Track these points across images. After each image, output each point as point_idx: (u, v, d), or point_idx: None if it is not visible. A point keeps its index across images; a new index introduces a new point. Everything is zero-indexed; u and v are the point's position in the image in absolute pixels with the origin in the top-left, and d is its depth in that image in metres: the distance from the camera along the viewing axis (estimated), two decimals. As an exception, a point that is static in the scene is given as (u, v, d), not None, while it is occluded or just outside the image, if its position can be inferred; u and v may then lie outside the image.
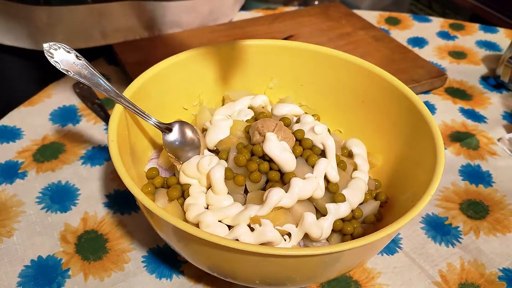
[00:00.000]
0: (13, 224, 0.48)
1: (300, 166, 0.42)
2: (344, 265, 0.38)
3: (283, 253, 0.33)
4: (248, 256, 0.33)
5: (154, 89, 0.47)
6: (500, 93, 0.72)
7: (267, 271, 0.36)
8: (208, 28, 0.79)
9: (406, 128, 0.46)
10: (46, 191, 0.52)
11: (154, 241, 0.47)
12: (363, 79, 0.49)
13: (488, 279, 0.46)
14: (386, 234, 0.34)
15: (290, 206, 0.39)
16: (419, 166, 0.43)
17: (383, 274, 0.46)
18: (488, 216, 0.52)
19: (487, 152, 0.61)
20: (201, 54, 0.50)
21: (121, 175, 0.36)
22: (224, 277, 0.40)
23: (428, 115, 0.43)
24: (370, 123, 0.51)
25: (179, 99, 0.51)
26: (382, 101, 0.49)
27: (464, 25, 0.90)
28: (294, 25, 0.81)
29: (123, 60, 0.69)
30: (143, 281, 0.44)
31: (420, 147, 0.44)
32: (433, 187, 0.37)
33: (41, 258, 0.46)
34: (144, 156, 0.48)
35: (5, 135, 0.59)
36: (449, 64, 0.78)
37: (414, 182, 0.42)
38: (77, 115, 0.63)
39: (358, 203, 0.43)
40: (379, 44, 0.77)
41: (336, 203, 0.41)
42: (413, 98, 0.45)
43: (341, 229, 0.41)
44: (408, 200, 0.40)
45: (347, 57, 0.50)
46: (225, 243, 0.32)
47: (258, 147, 0.42)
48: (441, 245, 0.49)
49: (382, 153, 0.50)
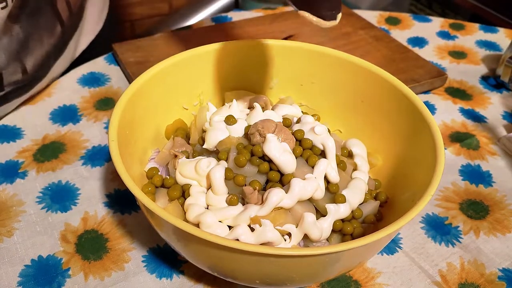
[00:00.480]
0: (13, 224, 0.48)
1: (300, 166, 0.42)
2: (344, 265, 0.38)
3: (283, 253, 0.33)
4: (248, 256, 0.33)
5: (154, 89, 0.47)
6: (500, 93, 0.72)
7: (267, 271, 0.36)
8: (208, 28, 0.79)
9: (406, 128, 0.47)
10: (46, 190, 0.52)
11: (154, 240, 0.48)
12: (363, 79, 0.49)
13: (488, 279, 0.46)
14: (386, 234, 0.34)
15: (290, 207, 0.40)
16: (419, 166, 0.43)
17: (383, 274, 0.46)
18: (488, 216, 0.52)
19: (487, 152, 0.61)
20: (201, 54, 0.50)
21: (122, 175, 0.36)
22: (224, 277, 0.40)
23: (428, 115, 0.43)
24: (370, 123, 0.51)
25: (179, 98, 0.51)
26: (382, 101, 0.49)
27: (464, 25, 0.90)
28: (294, 25, 0.81)
29: (123, 60, 0.70)
30: (143, 280, 0.44)
31: (420, 147, 0.44)
32: (433, 187, 0.37)
33: (41, 257, 0.46)
34: (145, 156, 0.48)
35: (5, 135, 0.59)
36: (449, 64, 0.78)
37: (414, 182, 0.42)
38: (77, 115, 0.63)
39: (358, 203, 0.43)
40: (379, 44, 0.77)
41: (336, 203, 0.41)
42: (413, 98, 0.45)
43: (341, 229, 0.41)
44: (408, 200, 0.40)
45: (347, 57, 0.50)
46: (226, 243, 0.32)
47: (258, 147, 0.42)
48: (441, 245, 0.49)
49: (382, 153, 0.50)
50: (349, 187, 0.43)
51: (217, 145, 0.44)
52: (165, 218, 0.33)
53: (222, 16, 0.89)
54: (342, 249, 0.33)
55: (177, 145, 0.47)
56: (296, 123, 0.48)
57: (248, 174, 0.42)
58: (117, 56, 0.71)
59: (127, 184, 0.36)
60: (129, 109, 0.43)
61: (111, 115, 0.41)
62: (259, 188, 0.41)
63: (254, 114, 0.47)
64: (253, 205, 0.39)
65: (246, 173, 0.42)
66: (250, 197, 0.40)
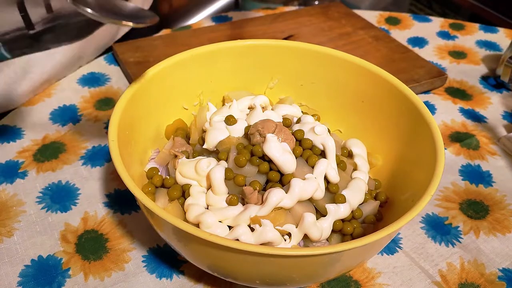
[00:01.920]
0: (13, 224, 0.48)
1: (300, 166, 0.42)
2: (344, 265, 0.38)
3: (283, 253, 0.33)
4: (248, 256, 0.33)
5: (154, 89, 0.47)
6: (500, 93, 0.72)
7: (267, 271, 0.36)
8: (208, 28, 0.79)
9: (406, 128, 0.46)
10: (46, 190, 0.52)
11: (154, 240, 0.48)
12: (363, 79, 0.49)
13: (488, 279, 0.46)
14: (386, 234, 0.34)
15: (290, 207, 0.40)
16: (419, 166, 0.43)
17: (383, 274, 0.46)
18: (488, 216, 0.52)
19: (487, 152, 0.61)
20: (201, 54, 0.50)
21: (121, 174, 0.36)
22: (225, 277, 0.40)
23: (428, 115, 0.43)
24: (370, 123, 0.51)
25: (179, 99, 0.51)
26: (382, 101, 0.49)
27: (464, 25, 0.90)
28: (294, 25, 0.81)
29: (123, 60, 0.70)
30: (143, 280, 0.44)
31: (420, 147, 0.44)
32: (433, 187, 0.37)
33: (41, 257, 0.46)
34: (145, 156, 0.48)
35: (5, 135, 0.59)
36: (449, 64, 0.78)
37: (414, 182, 0.42)
38: (77, 115, 0.63)
39: (358, 203, 0.43)
40: (379, 44, 0.77)
41: (336, 203, 0.41)
42: (414, 98, 0.45)
43: (341, 229, 0.41)
44: (408, 200, 0.40)
45: (347, 57, 0.50)
46: (226, 243, 0.32)
47: (258, 147, 0.42)
48: (441, 245, 0.49)
49: (382, 153, 0.50)
50: (349, 187, 0.43)
51: (217, 145, 0.44)
52: (165, 218, 0.33)
53: (222, 16, 0.89)
54: (342, 249, 0.33)
55: (177, 145, 0.47)
56: (296, 123, 0.48)
57: (248, 174, 0.42)
58: (117, 56, 0.71)
59: (127, 184, 0.36)
60: (129, 109, 0.43)
61: (111, 115, 0.41)
62: (259, 188, 0.41)
63: (254, 114, 0.47)
64: (253, 205, 0.39)
65: (246, 173, 0.42)
66: (250, 197, 0.40)
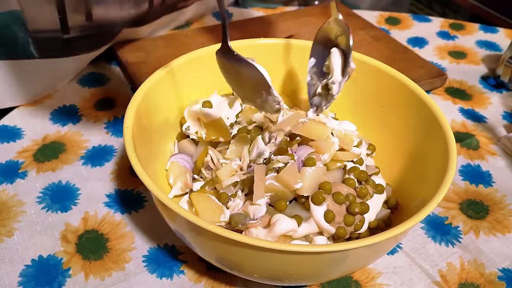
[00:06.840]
0: (13, 224, 0.48)
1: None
2: (348, 265, 0.39)
3: (290, 249, 0.34)
4: (257, 251, 0.34)
5: (170, 83, 0.48)
6: (500, 93, 0.72)
7: (272, 266, 0.37)
8: (208, 28, 0.79)
9: (421, 133, 0.47)
10: (46, 190, 0.52)
11: (155, 240, 0.48)
12: (382, 83, 0.51)
13: (488, 279, 0.46)
14: (393, 235, 0.34)
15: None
16: (430, 173, 0.43)
17: (383, 274, 0.46)
18: (488, 216, 0.52)
19: (487, 152, 0.61)
20: (211, 52, 0.50)
21: (134, 165, 0.37)
22: (230, 270, 0.41)
23: (445, 123, 0.44)
24: (385, 126, 0.51)
25: (196, 93, 0.51)
26: (399, 105, 0.49)
27: (464, 25, 0.90)
28: (294, 25, 0.81)
29: (123, 60, 0.69)
30: (143, 280, 0.44)
31: (432, 153, 0.44)
32: (440, 195, 0.38)
33: (41, 257, 0.46)
34: (159, 148, 0.48)
35: (5, 135, 0.59)
36: (449, 64, 0.78)
37: (424, 190, 0.42)
38: (77, 115, 0.63)
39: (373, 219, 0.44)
40: (379, 44, 0.77)
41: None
42: (431, 105, 0.46)
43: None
44: (418, 208, 0.40)
45: (367, 59, 0.51)
46: (238, 238, 0.33)
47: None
48: (441, 245, 0.49)
49: (394, 153, 0.50)
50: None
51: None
52: (178, 212, 0.34)
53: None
54: (347, 248, 0.33)
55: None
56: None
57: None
58: (117, 56, 0.71)
59: (139, 174, 0.36)
60: (149, 97, 0.43)
61: (130, 102, 0.41)
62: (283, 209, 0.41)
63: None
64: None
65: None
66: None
